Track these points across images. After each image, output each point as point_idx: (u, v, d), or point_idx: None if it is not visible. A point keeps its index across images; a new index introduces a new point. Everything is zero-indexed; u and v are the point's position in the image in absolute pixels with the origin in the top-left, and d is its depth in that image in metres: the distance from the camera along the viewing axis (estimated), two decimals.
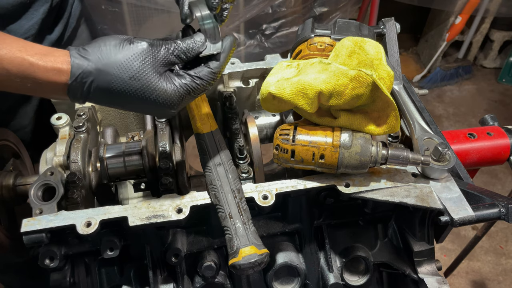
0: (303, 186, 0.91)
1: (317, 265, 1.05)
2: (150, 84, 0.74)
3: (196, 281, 1.00)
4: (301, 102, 0.86)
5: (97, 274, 0.97)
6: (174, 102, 0.77)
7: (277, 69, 0.97)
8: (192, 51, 0.78)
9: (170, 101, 0.77)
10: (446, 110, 3.60)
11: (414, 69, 3.91)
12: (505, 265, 2.63)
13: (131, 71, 0.73)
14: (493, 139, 1.18)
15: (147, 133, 1.05)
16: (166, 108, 0.77)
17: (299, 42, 1.08)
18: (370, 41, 0.93)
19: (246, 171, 0.97)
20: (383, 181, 0.92)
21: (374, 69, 0.86)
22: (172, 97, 0.76)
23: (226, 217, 0.84)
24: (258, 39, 3.15)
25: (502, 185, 3.02)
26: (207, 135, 0.94)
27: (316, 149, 0.87)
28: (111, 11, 2.78)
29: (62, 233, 0.88)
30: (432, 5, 3.42)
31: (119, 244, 0.89)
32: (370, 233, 1.08)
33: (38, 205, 0.88)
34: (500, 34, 3.68)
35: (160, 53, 0.76)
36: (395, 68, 1.11)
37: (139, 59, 0.74)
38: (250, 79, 1.24)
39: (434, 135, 0.96)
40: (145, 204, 0.88)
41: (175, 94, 0.76)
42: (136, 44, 0.75)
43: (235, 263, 0.80)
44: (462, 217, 0.86)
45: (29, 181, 1.03)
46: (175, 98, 0.77)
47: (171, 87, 0.76)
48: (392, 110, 0.87)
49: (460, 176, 1.03)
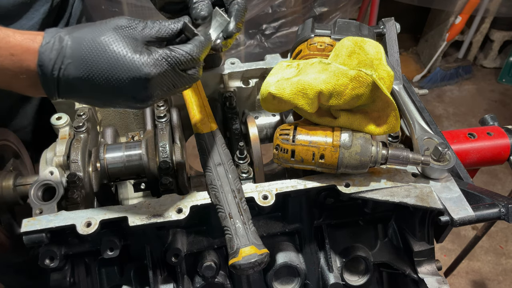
0: (303, 186, 0.91)
1: (317, 265, 1.05)
2: (123, 53, 0.69)
3: (196, 281, 1.00)
4: (301, 102, 0.86)
5: (97, 274, 0.97)
6: (153, 77, 0.69)
7: (277, 69, 0.97)
8: (174, 27, 0.74)
9: (146, 74, 0.68)
10: (446, 110, 3.60)
11: (414, 69, 3.91)
12: (505, 265, 2.63)
13: (104, 37, 0.69)
14: (493, 139, 1.18)
15: (147, 133, 1.05)
16: (144, 86, 0.69)
17: (299, 42, 1.08)
18: (370, 41, 0.93)
19: (246, 171, 0.97)
20: (383, 181, 0.92)
21: (374, 69, 0.86)
22: (150, 70, 0.69)
23: (226, 217, 0.84)
24: (258, 39, 3.15)
25: (502, 185, 3.02)
26: (207, 135, 0.94)
27: (316, 149, 0.87)
28: (111, 11, 2.79)
29: (62, 233, 0.88)
30: (432, 5, 3.42)
31: (119, 244, 0.89)
32: (370, 233, 1.08)
33: (38, 205, 0.88)
34: (500, 34, 3.68)
35: (139, 26, 0.72)
36: (395, 68, 1.11)
37: (115, 30, 0.70)
38: (250, 79, 1.24)
39: (434, 135, 0.96)
40: (145, 204, 0.88)
41: (154, 66, 0.69)
42: (114, 19, 0.72)
43: (235, 263, 0.80)
44: (462, 217, 0.86)
45: (29, 181, 1.03)
46: (154, 71, 0.69)
47: (148, 59, 0.69)
48: (392, 110, 0.87)
49: (460, 176, 1.03)
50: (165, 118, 1.07)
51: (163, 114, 1.07)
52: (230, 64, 1.21)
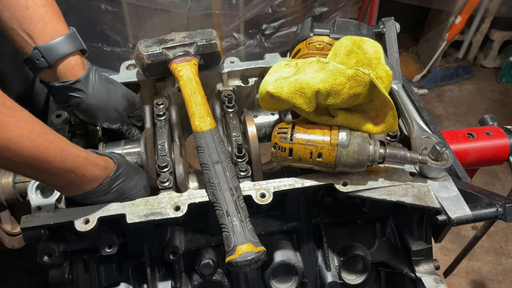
0: (300, 185, 0.92)
1: (315, 263, 1.06)
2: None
3: (194, 279, 1.00)
4: (299, 101, 0.86)
5: (95, 271, 0.98)
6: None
7: (276, 68, 0.97)
8: None
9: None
10: (446, 110, 3.59)
11: (414, 69, 3.90)
12: (505, 265, 2.63)
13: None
14: (492, 139, 1.18)
15: (146, 131, 1.05)
16: None
17: (298, 41, 1.08)
18: (369, 40, 0.93)
19: (244, 169, 0.98)
20: (380, 180, 0.92)
21: (372, 68, 0.86)
22: None
23: (224, 214, 0.84)
24: (258, 39, 3.15)
25: (502, 185, 3.02)
26: (205, 133, 0.94)
27: (314, 148, 0.88)
28: (111, 11, 2.79)
29: (61, 229, 0.88)
30: (432, 5, 3.42)
31: (117, 241, 0.90)
32: (368, 232, 1.08)
33: (37, 202, 0.88)
34: (500, 34, 3.67)
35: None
36: (394, 68, 1.11)
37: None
38: (250, 78, 1.24)
39: (432, 135, 0.96)
40: (143, 202, 0.88)
41: None
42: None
43: (231, 260, 0.81)
44: (459, 216, 0.86)
45: None
46: None
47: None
48: (390, 109, 0.87)
49: (459, 176, 1.03)
50: (164, 116, 1.07)
51: (162, 112, 1.07)
52: (229, 63, 1.22)
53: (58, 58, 0.92)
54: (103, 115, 1.00)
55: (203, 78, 1.10)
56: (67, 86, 0.94)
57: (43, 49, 0.91)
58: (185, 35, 1.11)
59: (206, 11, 2.84)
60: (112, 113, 1.01)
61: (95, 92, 0.97)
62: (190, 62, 1.08)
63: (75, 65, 0.95)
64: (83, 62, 0.97)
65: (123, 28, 2.90)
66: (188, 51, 1.09)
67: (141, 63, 1.09)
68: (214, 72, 1.20)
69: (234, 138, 1.03)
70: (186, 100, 1.00)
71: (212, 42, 1.10)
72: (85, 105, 0.97)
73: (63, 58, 0.93)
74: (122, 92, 1.05)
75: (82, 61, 0.97)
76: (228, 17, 2.90)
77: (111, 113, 1.01)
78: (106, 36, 2.86)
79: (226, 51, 3.06)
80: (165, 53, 1.07)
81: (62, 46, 0.92)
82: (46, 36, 0.91)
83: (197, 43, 1.09)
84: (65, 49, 0.93)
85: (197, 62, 1.10)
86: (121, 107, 1.03)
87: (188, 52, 1.09)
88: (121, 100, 1.04)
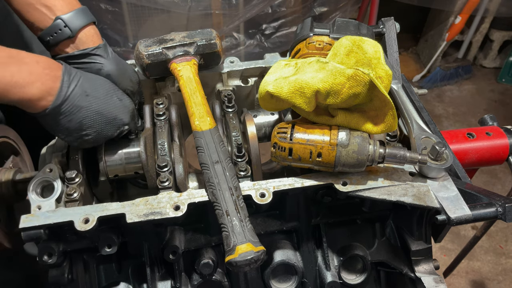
0: (300, 184, 0.92)
1: (315, 263, 1.06)
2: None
3: (193, 279, 1.00)
4: (299, 101, 0.87)
5: (95, 271, 0.98)
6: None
7: (275, 68, 0.97)
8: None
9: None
10: (446, 110, 3.60)
11: (414, 69, 3.90)
12: (504, 265, 2.63)
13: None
14: (492, 139, 1.18)
15: (146, 130, 1.05)
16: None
17: (297, 41, 1.08)
18: (369, 40, 0.93)
19: (244, 169, 0.98)
20: (380, 180, 0.92)
21: (371, 68, 0.86)
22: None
23: (223, 214, 0.84)
24: (258, 39, 3.15)
25: (502, 185, 3.02)
26: (205, 133, 0.94)
27: (314, 147, 0.88)
28: (111, 11, 2.79)
29: (61, 229, 0.88)
30: (432, 5, 3.42)
31: (117, 241, 0.90)
32: (367, 232, 1.08)
33: (36, 202, 0.88)
34: (500, 34, 3.68)
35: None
36: (394, 68, 1.11)
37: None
38: (249, 78, 1.24)
39: (432, 134, 0.96)
40: (143, 201, 0.88)
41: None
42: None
43: (231, 260, 0.81)
44: (459, 216, 0.86)
45: (28, 178, 1.04)
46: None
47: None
48: (389, 109, 0.87)
49: (458, 176, 1.03)
50: (164, 116, 1.07)
51: (162, 112, 1.07)
52: (229, 62, 1.22)
53: (80, 26, 0.97)
54: (122, 82, 1.03)
55: (203, 78, 1.10)
56: (89, 52, 0.98)
57: (66, 19, 0.96)
58: (185, 35, 1.11)
59: (206, 11, 2.84)
60: (129, 83, 1.05)
61: (114, 60, 1.02)
62: (190, 62, 1.08)
63: (94, 34, 1.01)
64: (98, 32, 1.02)
65: (123, 27, 2.90)
66: (188, 51, 1.09)
67: (141, 62, 1.09)
68: (214, 72, 1.20)
69: (233, 138, 1.03)
70: (186, 100, 1.00)
71: (212, 42, 1.10)
72: (106, 71, 1.00)
73: (84, 27, 0.98)
74: (131, 67, 1.10)
75: (97, 31, 1.02)
76: (228, 17, 2.91)
77: (127, 83, 1.05)
78: (106, 35, 2.87)
79: (226, 51, 3.06)
80: (165, 53, 1.07)
81: (82, 16, 0.99)
82: (65, 8, 0.97)
83: (197, 43, 1.09)
84: (85, 19, 0.99)
85: (197, 62, 1.10)
86: (135, 78, 1.08)
87: (188, 52, 1.09)
88: (133, 73, 1.08)
